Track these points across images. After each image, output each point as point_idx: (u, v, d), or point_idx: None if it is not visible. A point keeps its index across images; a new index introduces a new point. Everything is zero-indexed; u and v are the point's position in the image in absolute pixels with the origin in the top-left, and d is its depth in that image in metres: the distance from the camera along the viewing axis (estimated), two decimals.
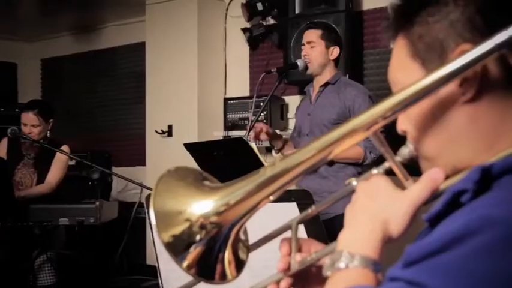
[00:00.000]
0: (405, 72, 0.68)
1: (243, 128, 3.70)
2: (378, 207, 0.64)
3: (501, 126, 0.64)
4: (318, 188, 2.44)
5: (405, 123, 0.70)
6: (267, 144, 3.62)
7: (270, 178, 0.68)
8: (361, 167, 2.57)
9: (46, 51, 5.66)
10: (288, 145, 2.79)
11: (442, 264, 0.53)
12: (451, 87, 0.62)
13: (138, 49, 4.67)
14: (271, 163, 0.70)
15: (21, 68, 5.74)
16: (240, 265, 0.75)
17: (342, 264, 0.62)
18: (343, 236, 0.66)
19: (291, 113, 3.90)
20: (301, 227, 1.48)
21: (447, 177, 0.64)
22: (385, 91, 3.53)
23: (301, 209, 1.52)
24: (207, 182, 0.73)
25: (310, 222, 1.51)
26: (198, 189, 0.71)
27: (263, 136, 2.52)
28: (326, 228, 1.50)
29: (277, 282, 0.80)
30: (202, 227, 0.67)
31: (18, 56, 5.66)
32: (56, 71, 5.61)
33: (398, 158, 0.69)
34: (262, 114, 3.47)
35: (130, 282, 4.15)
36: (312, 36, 2.65)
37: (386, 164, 0.69)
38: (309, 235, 1.49)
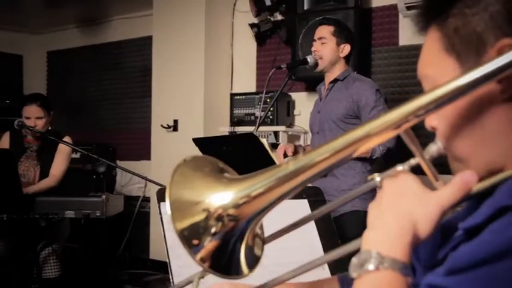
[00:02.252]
0: (438, 66, 0.65)
1: (249, 123, 3.69)
2: (407, 207, 0.60)
3: None
4: (328, 186, 2.43)
5: (436, 119, 0.67)
6: (272, 140, 3.62)
7: (293, 172, 0.64)
8: (370, 165, 2.55)
9: (52, 43, 5.65)
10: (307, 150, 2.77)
11: (492, 275, 0.51)
12: (489, 84, 0.58)
13: (145, 43, 4.66)
14: (295, 157, 0.68)
15: (27, 60, 5.74)
16: (255, 260, 0.72)
17: (371, 266, 0.58)
18: (370, 236, 0.61)
19: (297, 109, 3.89)
20: (312, 225, 1.49)
21: (480, 179, 0.61)
22: (392, 89, 3.52)
23: (312, 205, 1.51)
24: (225, 173, 0.70)
25: (321, 219, 1.50)
26: (216, 180, 0.68)
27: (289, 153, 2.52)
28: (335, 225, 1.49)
29: None
30: (219, 219, 0.65)
31: (24, 48, 5.66)
32: (61, 64, 5.60)
33: (425, 156, 0.65)
34: (268, 110, 3.45)
35: (133, 276, 4.16)
36: (324, 32, 2.63)
37: (412, 161, 0.65)
38: (319, 232, 1.49)
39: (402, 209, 0.61)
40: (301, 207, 1.48)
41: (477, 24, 0.62)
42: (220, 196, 0.66)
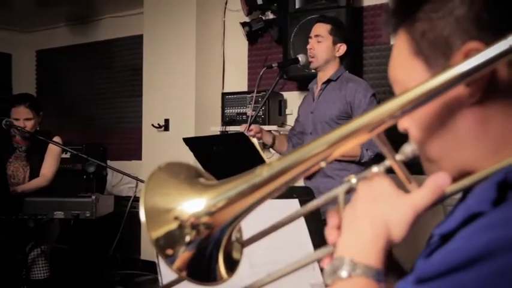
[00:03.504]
0: (407, 70, 0.65)
1: (240, 123, 3.67)
2: (380, 211, 0.60)
3: (510, 129, 0.60)
4: (322, 186, 2.42)
5: (407, 122, 0.67)
6: None
7: (267, 179, 0.64)
8: (364, 166, 2.55)
9: (41, 42, 5.60)
10: (279, 140, 2.77)
11: (460, 283, 0.50)
12: (458, 87, 0.59)
13: (136, 42, 4.63)
14: (269, 163, 0.66)
15: (16, 58, 5.68)
16: (234, 265, 0.72)
17: (344, 273, 0.58)
18: (343, 241, 0.62)
19: (289, 108, 3.88)
20: (302, 222, 1.48)
21: (453, 181, 0.61)
22: (385, 88, 3.52)
23: (303, 205, 1.50)
24: (201, 179, 0.69)
25: (312, 218, 1.50)
26: (191, 187, 0.67)
27: (250, 133, 2.54)
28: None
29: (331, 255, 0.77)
30: (194, 227, 0.64)
31: (13, 46, 5.60)
32: (51, 63, 5.55)
33: (400, 157, 0.65)
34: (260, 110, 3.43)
35: (124, 277, 4.12)
36: (321, 30, 2.60)
37: (387, 162, 0.65)
38: (310, 231, 1.48)
39: (375, 213, 0.60)
40: (292, 207, 1.47)
41: (443, 28, 0.61)
42: (193, 204, 0.65)
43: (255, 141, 1.82)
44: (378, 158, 2.48)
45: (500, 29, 0.56)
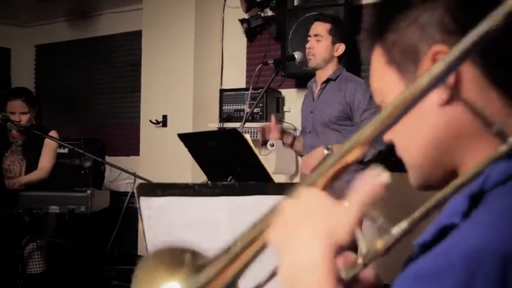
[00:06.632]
0: (382, 79, 0.67)
1: (238, 119, 3.67)
2: (319, 222, 0.54)
3: (485, 130, 0.59)
4: None
5: (388, 134, 0.66)
6: None
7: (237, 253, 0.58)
8: (362, 164, 2.54)
9: (41, 37, 5.59)
10: (298, 140, 2.76)
11: None
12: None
13: (135, 37, 4.63)
14: (242, 235, 0.60)
15: (15, 53, 5.68)
16: None
17: None
18: (286, 264, 0.55)
19: (287, 106, 3.88)
20: None
21: (438, 186, 0.60)
22: None
23: None
24: (186, 257, 0.66)
25: None
26: (171, 273, 0.66)
27: (274, 135, 2.47)
28: None
29: None
30: None
31: (12, 41, 5.60)
32: (50, 58, 5.55)
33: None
34: (258, 106, 3.43)
35: (121, 272, 4.13)
36: (320, 29, 2.59)
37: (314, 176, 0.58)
38: None
39: (315, 226, 0.56)
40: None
41: (410, 36, 0.63)
42: None
43: (247, 137, 1.83)
44: (381, 156, 2.47)
45: (465, 33, 0.56)
